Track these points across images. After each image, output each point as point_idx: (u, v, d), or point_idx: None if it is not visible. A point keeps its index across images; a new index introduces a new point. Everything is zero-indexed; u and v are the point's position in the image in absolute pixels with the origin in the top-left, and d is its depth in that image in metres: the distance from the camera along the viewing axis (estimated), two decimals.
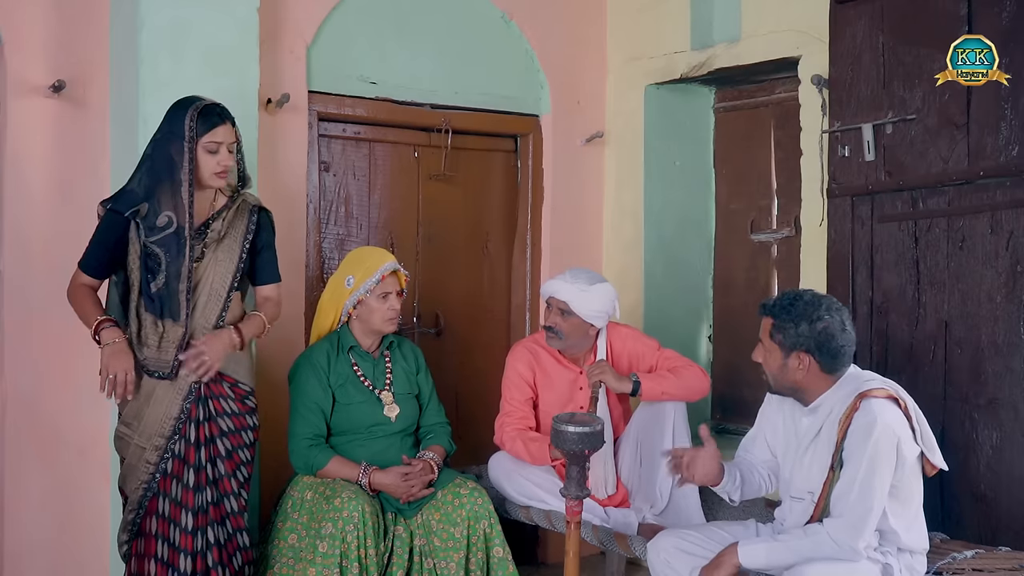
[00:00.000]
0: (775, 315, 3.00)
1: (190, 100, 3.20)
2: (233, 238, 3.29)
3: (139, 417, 3.22)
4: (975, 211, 3.50)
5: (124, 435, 3.26)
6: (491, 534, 3.57)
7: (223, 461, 3.28)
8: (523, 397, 3.93)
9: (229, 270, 3.27)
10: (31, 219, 3.76)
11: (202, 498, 3.24)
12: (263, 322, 3.36)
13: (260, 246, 3.39)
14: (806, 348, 2.93)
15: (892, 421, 2.84)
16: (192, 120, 3.14)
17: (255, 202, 3.40)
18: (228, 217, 3.29)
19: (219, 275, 3.25)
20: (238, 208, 3.32)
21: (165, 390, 3.20)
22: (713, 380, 4.82)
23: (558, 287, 3.88)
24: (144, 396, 3.22)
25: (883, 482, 2.81)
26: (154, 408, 3.21)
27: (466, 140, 4.69)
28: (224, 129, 3.19)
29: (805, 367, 2.95)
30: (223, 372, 3.27)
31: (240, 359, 3.34)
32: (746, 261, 4.84)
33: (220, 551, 3.26)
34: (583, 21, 4.94)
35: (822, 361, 2.94)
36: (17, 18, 3.69)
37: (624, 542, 3.55)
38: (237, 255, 3.29)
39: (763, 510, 3.70)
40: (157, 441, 3.20)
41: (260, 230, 3.37)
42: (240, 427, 3.32)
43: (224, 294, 3.26)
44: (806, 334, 2.92)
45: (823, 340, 2.92)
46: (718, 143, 4.99)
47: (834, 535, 2.80)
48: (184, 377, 3.19)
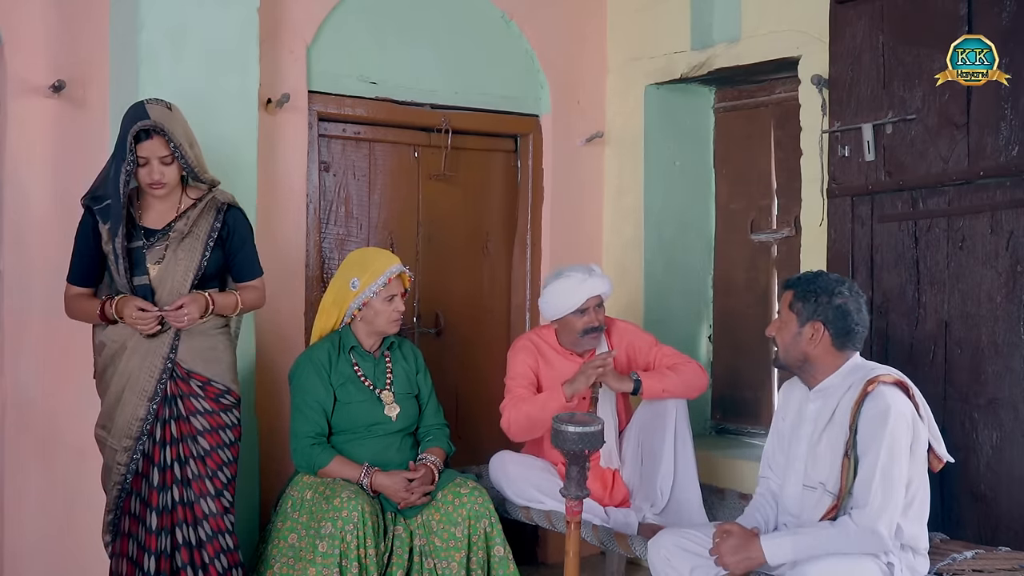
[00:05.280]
0: (797, 286, 3.10)
1: (135, 111, 3.19)
2: (196, 236, 3.29)
3: (111, 418, 3.26)
4: (975, 211, 3.50)
5: (100, 437, 3.31)
6: (491, 533, 3.57)
7: (197, 461, 3.26)
8: (527, 381, 3.92)
9: (190, 268, 3.27)
10: (31, 219, 3.76)
11: (167, 497, 3.24)
12: (236, 301, 3.37)
13: (235, 246, 3.38)
14: (823, 319, 3.01)
15: (904, 407, 2.89)
16: (132, 137, 3.15)
17: (226, 200, 3.37)
18: (193, 216, 3.29)
19: (179, 274, 3.25)
20: (205, 207, 3.31)
21: (132, 392, 3.23)
22: (713, 380, 4.83)
23: (599, 284, 3.86)
24: (114, 398, 3.26)
25: (902, 468, 2.84)
26: (122, 410, 3.24)
27: (466, 140, 4.69)
28: (149, 144, 3.17)
29: (818, 338, 3.02)
30: (192, 370, 3.28)
31: (215, 358, 3.33)
32: (746, 261, 4.84)
33: (192, 552, 3.25)
34: (583, 21, 4.94)
35: (834, 335, 3.01)
36: (17, 18, 3.69)
37: (624, 542, 3.55)
38: (199, 253, 3.28)
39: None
40: (126, 442, 3.24)
41: (233, 231, 3.36)
42: (217, 426, 3.30)
43: (185, 292, 3.25)
44: (825, 305, 3.01)
45: (839, 315, 3.00)
46: (718, 143, 4.99)
47: (860, 524, 2.81)
48: (148, 377, 3.23)
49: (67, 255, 3.38)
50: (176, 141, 3.17)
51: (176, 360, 3.26)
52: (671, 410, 3.84)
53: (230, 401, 3.35)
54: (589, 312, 3.86)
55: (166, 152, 3.19)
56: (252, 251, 3.44)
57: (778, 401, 3.33)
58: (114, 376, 3.26)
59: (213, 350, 3.33)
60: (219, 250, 3.34)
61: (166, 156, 3.19)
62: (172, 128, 3.17)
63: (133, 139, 3.15)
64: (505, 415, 3.87)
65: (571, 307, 3.84)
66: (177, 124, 3.20)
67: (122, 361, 3.25)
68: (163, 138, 3.17)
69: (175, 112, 3.23)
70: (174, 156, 3.20)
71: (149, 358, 3.24)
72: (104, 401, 3.31)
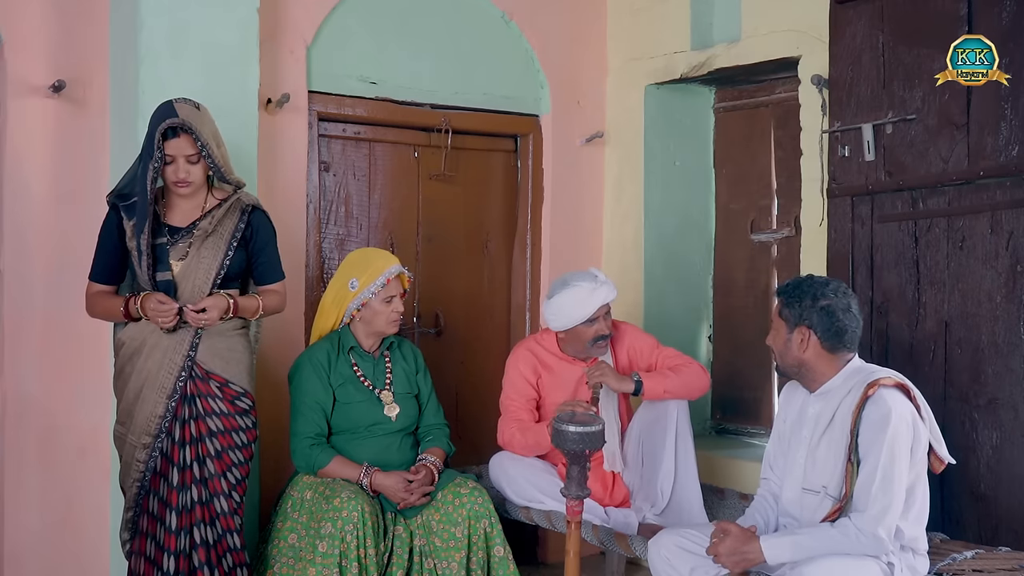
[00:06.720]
0: (783, 293, 3.11)
1: (164, 110, 3.21)
2: (219, 236, 3.31)
3: (130, 416, 3.27)
4: (975, 211, 3.50)
5: (120, 433, 3.32)
6: (491, 533, 3.57)
7: (212, 460, 3.28)
8: (524, 398, 3.93)
9: (212, 266, 3.28)
10: (31, 219, 3.76)
11: (186, 497, 3.25)
12: (258, 304, 3.38)
13: (258, 248, 3.40)
14: (808, 323, 3.01)
15: (905, 410, 2.88)
16: (159, 134, 3.17)
17: (251, 201, 3.40)
18: (218, 216, 3.31)
19: (202, 271, 3.27)
20: (230, 207, 3.34)
21: (151, 389, 3.24)
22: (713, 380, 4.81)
23: (609, 292, 3.84)
24: (133, 395, 3.27)
25: (903, 471, 2.84)
26: (141, 407, 3.25)
27: (466, 140, 4.69)
28: (176, 142, 3.19)
29: (807, 343, 3.02)
30: (211, 371, 3.29)
31: (234, 359, 3.34)
32: (746, 261, 4.84)
33: (208, 551, 3.26)
34: (583, 21, 4.94)
35: (823, 338, 3.01)
36: (17, 18, 3.69)
37: (624, 542, 3.55)
38: (222, 252, 3.30)
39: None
40: (145, 439, 3.25)
41: (256, 232, 3.39)
42: (230, 428, 3.32)
43: (207, 291, 3.27)
44: (809, 309, 3.01)
45: (825, 317, 3.00)
46: (718, 143, 4.98)
47: (861, 528, 2.81)
48: (168, 374, 3.23)
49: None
50: (203, 140, 3.20)
51: (196, 360, 3.28)
52: (672, 411, 3.84)
53: (246, 404, 3.36)
54: (599, 321, 3.85)
55: (193, 151, 3.21)
56: (275, 254, 3.46)
57: (779, 403, 3.33)
58: (132, 374, 3.27)
59: (232, 351, 3.34)
60: (242, 251, 3.36)
61: (192, 155, 3.22)
62: (199, 127, 3.19)
63: (161, 137, 3.17)
64: (500, 437, 3.92)
65: (582, 318, 3.82)
66: (205, 123, 3.23)
67: (141, 359, 3.26)
68: (190, 136, 3.19)
69: (203, 112, 3.25)
70: (200, 155, 3.22)
71: (169, 355, 3.25)
72: (122, 399, 3.31)
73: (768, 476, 3.25)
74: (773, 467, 3.23)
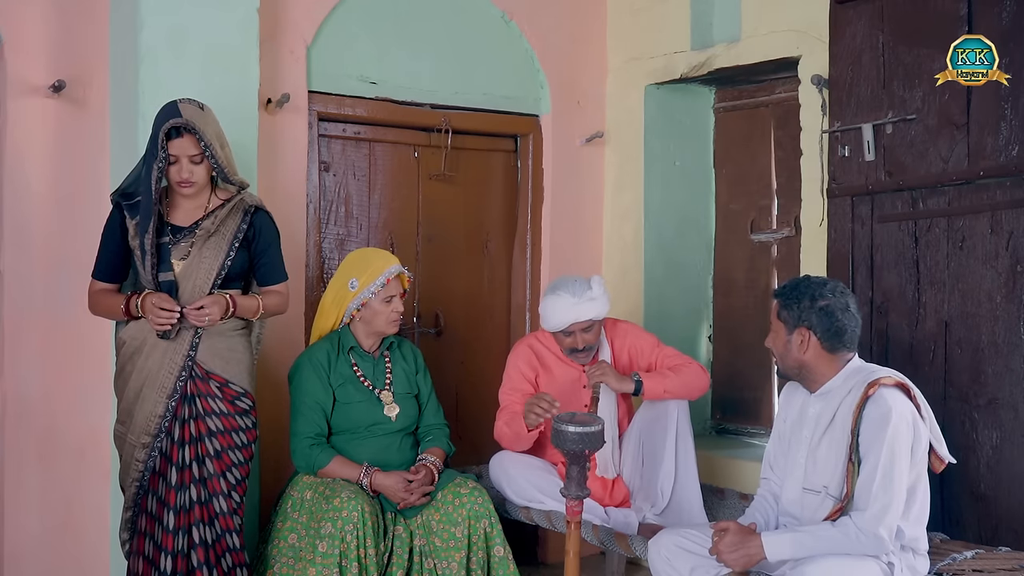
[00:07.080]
0: (781, 295, 3.11)
1: (168, 110, 3.21)
2: (222, 236, 3.31)
3: (130, 415, 3.28)
4: (975, 211, 3.50)
5: (120, 433, 3.33)
6: (491, 533, 3.57)
7: (211, 460, 3.28)
8: (520, 393, 3.92)
9: (214, 266, 3.29)
10: (31, 219, 3.76)
11: (185, 497, 3.25)
12: (258, 304, 3.38)
13: (260, 249, 3.41)
14: (807, 324, 3.02)
15: (905, 409, 2.89)
16: (163, 134, 3.18)
17: (254, 202, 3.40)
18: (220, 216, 3.32)
19: (204, 271, 3.28)
20: (233, 208, 3.34)
21: (151, 389, 3.25)
22: (713, 380, 4.82)
23: (592, 309, 3.77)
24: (133, 395, 3.27)
25: (903, 471, 2.84)
26: (141, 406, 3.26)
27: (466, 140, 4.69)
28: (179, 142, 3.19)
29: (807, 344, 3.02)
30: (211, 371, 3.29)
31: (234, 359, 3.35)
32: (746, 261, 4.84)
33: (207, 551, 3.26)
34: (583, 21, 4.94)
35: (823, 338, 3.01)
36: (17, 18, 3.69)
37: (624, 542, 3.55)
38: (224, 252, 3.30)
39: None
40: (144, 439, 3.25)
41: (259, 233, 3.39)
42: (230, 428, 3.32)
43: (207, 291, 3.27)
44: (807, 309, 3.01)
45: (824, 317, 3.00)
46: (718, 143, 4.99)
47: (861, 527, 2.81)
48: (168, 374, 3.23)
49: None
50: (207, 140, 3.21)
51: (196, 360, 3.28)
52: (672, 410, 3.84)
53: (246, 405, 3.36)
54: (575, 335, 3.84)
55: (196, 151, 3.22)
56: (277, 255, 3.46)
57: (779, 403, 3.34)
58: (133, 373, 3.28)
59: (232, 351, 3.34)
60: (244, 251, 3.36)
61: (196, 155, 3.22)
62: (203, 127, 3.20)
63: (164, 136, 3.18)
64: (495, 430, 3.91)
65: (557, 327, 3.84)
66: (209, 124, 3.24)
67: (141, 358, 3.27)
68: (194, 137, 3.20)
69: (207, 112, 3.26)
70: (204, 155, 3.23)
71: (169, 355, 3.25)
72: (123, 398, 3.31)
73: (768, 476, 3.25)
74: (773, 467, 3.23)
